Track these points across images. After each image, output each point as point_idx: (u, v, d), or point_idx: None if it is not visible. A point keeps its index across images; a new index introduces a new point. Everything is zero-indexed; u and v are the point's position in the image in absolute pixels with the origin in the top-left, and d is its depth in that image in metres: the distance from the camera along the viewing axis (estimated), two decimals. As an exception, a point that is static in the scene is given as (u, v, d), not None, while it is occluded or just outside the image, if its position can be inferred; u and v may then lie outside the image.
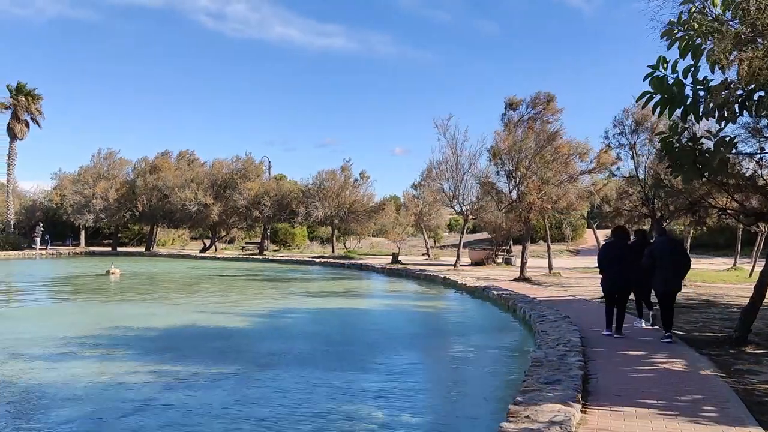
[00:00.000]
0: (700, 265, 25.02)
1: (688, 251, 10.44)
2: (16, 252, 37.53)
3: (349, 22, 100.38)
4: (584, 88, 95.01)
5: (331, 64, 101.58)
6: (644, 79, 6.52)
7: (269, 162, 44.10)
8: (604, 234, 32.74)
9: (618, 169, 18.75)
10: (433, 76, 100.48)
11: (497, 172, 22.05)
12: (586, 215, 28.36)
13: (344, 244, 45.40)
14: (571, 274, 22.37)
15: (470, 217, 29.09)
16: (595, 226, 31.50)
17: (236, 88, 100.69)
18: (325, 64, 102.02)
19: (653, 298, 9.92)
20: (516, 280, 19.79)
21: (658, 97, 6.54)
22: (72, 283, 22.35)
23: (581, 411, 5.41)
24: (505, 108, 22.30)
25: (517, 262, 23.94)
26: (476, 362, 9.27)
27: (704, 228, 22.72)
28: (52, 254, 37.84)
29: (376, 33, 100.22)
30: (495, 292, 16.09)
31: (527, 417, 5.05)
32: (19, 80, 41.96)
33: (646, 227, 17.61)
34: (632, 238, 10.43)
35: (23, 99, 41.63)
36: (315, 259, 33.37)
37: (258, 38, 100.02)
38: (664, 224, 15.83)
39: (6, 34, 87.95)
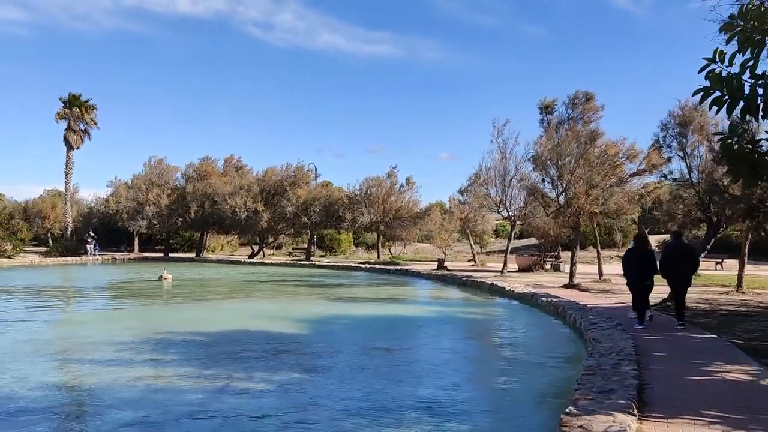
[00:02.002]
0: (758, 271, 24.14)
1: (696, 255, 11.72)
2: (73, 258, 38.87)
3: (395, 29, 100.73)
4: (632, 90, 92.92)
5: (378, 71, 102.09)
6: (699, 72, 6.20)
7: (315, 169, 44.57)
8: (656, 240, 31.93)
9: (671, 172, 18.26)
10: (481, 81, 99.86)
11: (543, 180, 21.74)
12: (637, 220, 27.59)
13: (389, 249, 45.44)
14: (622, 280, 21.74)
15: (517, 222, 28.76)
16: (647, 232, 30.67)
17: (284, 97, 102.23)
18: (372, 70, 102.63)
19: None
20: (565, 286, 19.45)
21: (716, 93, 6.20)
22: (127, 288, 22.99)
23: (637, 421, 5.29)
24: (541, 112, 22.00)
25: (566, 268, 23.53)
26: (525, 370, 9.14)
27: (763, 233, 21.91)
28: (102, 260, 39.01)
29: (423, 39, 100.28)
30: (544, 299, 15.85)
31: (581, 427, 4.96)
32: (73, 92, 43.36)
33: (702, 232, 17.09)
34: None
35: (77, 110, 43.07)
36: (361, 265, 33.50)
37: (305, 46, 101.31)
38: (684, 231, 16.72)
39: (66, 47, 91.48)
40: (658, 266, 11.07)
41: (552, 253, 30.95)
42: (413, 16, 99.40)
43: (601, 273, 22.64)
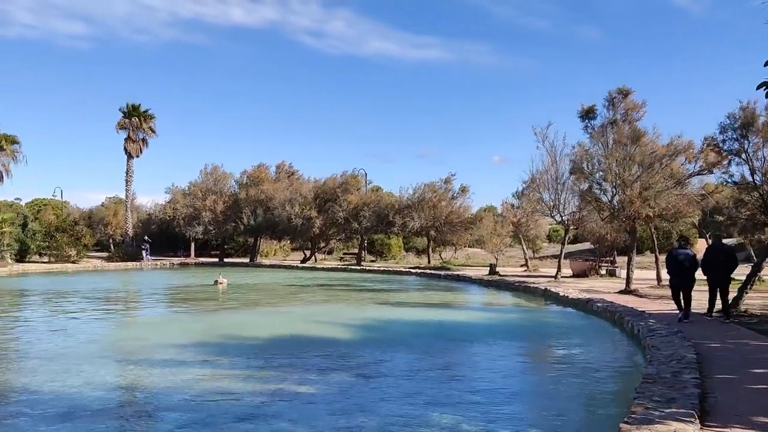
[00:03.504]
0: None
1: (735, 256, 12.77)
2: (133, 263, 40.20)
3: (445, 34, 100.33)
4: (689, 90, 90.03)
5: (429, 75, 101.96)
6: (766, 65, 5.94)
7: (366, 174, 44.82)
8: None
9: (731, 175, 17.59)
10: (532, 84, 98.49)
11: (589, 187, 21.27)
12: (697, 223, 26.70)
13: (440, 254, 45.27)
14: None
15: (571, 226, 28.23)
16: (708, 236, 29.63)
17: (335, 103, 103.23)
18: (423, 75, 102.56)
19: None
20: (621, 292, 18.97)
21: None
22: (184, 292, 23.63)
23: (699, 431, 5.13)
24: (582, 119, 21.46)
25: (622, 273, 22.97)
26: (581, 378, 8.96)
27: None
28: (159, 265, 40.13)
29: (473, 43, 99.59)
30: (599, 305, 15.51)
31: (640, 436, 4.84)
32: (132, 102, 44.83)
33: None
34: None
35: (136, 120, 44.52)
36: (411, 270, 33.48)
37: (356, 53, 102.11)
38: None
39: (126, 59, 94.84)
40: (699, 266, 12.61)
41: (607, 258, 30.25)
42: (463, 21, 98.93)
43: (659, 278, 21.98)
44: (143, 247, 41.78)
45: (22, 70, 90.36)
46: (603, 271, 27.47)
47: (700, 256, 13.22)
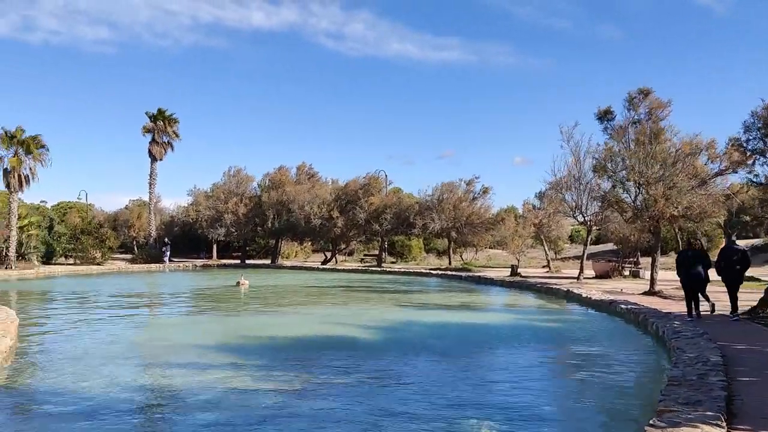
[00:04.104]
0: None
1: (748, 256, 13.21)
2: (157, 264, 40.68)
3: (465, 35, 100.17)
4: (712, 90, 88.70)
5: (449, 77, 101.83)
6: None
7: (386, 176, 44.86)
8: (743, 244, 30.28)
9: (756, 176, 17.26)
10: (554, 84, 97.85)
11: (612, 186, 21.02)
12: (722, 224, 26.29)
13: (461, 256, 45.12)
14: (707, 287, 20.80)
15: (594, 227, 27.96)
16: (733, 236, 29.19)
17: (355, 105, 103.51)
18: (443, 76, 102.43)
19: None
20: (645, 293, 18.74)
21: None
22: (206, 293, 23.83)
23: (726, 435, 5.04)
24: (601, 121, 21.24)
25: (646, 274, 22.69)
26: (605, 380, 8.86)
27: None
28: (182, 267, 40.52)
29: (493, 44, 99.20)
30: (623, 306, 15.34)
31: (666, 439, 4.77)
32: (155, 106, 45.56)
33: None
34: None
35: (161, 123, 45.09)
36: (432, 271, 33.42)
37: (375, 55, 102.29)
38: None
39: (148, 64, 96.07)
40: (711, 265, 13.05)
41: (631, 259, 29.92)
42: (483, 22, 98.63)
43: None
44: (163, 249, 42.32)
45: (47, 75, 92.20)
46: (626, 272, 27.16)
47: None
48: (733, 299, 12.85)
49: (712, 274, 13.16)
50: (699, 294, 13.06)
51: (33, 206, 49.61)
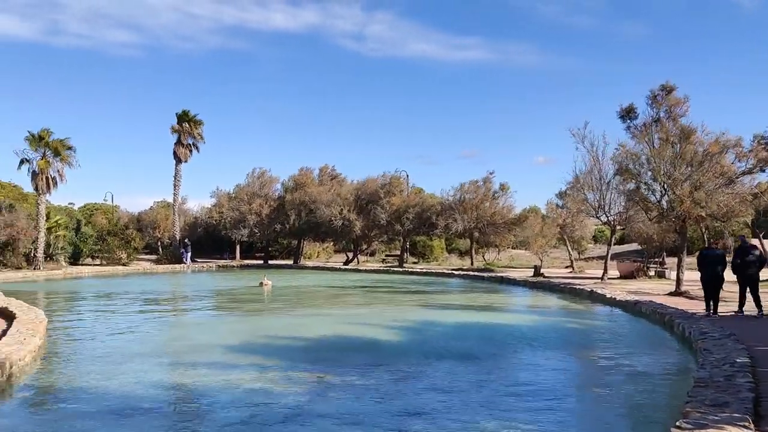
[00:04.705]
0: None
1: (763, 255, 14.18)
2: (181, 265, 41.16)
3: (486, 34, 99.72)
4: (739, 86, 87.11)
5: (470, 76, 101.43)
6: None
7: (407, 176, 44.84)
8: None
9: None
10: (577, 83, 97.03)
11: (637, 187, 20.75)
12: (750, 223, 25.78)
13: (483, 256, 44.94)
14: (734, 287, 20.46)
15: (618, 227, 27.65)
16: (762, 236, 28.63)
17: (377, 106, 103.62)
18: (464, 76, 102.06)
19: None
20: (671, 294, 18.50)
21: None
22: (230, 293, 24.05)
23: (755, 437, 4.97)
24: (623, 119, 20.90)
25: (672, 275, 22.39)
26: (630, 382, 8.77)
27: None
28: (203, 267, 40.93)
29: (515, 42, 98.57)
30: (648, 307, 15.16)
31: (692, 441, 4.72)
32: (179, 109, 45.91)
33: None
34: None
35: (186, 125, 45.56)
36: (454, 272, 33.33)
37: (396, 56, 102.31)
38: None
39: (174, 66, 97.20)
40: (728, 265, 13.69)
41: (656, 259, 29.53)
42: (505, 21, 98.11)
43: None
44: (181, 251, 42.86)
45: (74, 78, 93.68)
46: (651, 273, 26.83)
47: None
48: (756, 299, 13.42)
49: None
50: (719, 292, 13.75)
51: (60, 208, 50.45)
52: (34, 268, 33.17)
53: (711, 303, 13.67)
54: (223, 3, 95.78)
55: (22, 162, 34.34)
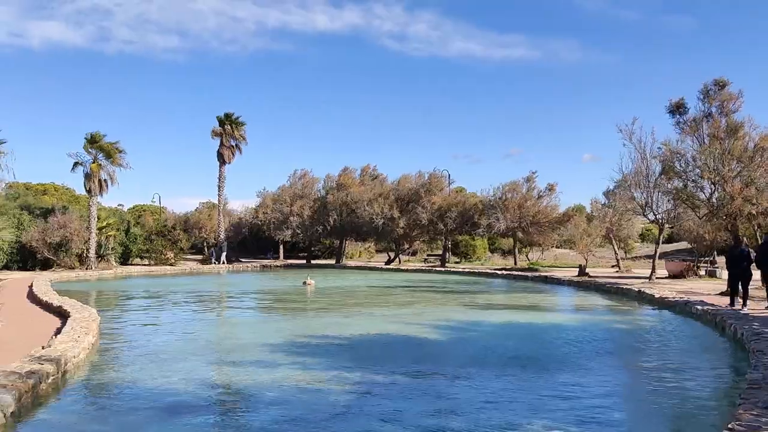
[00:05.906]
0: None
1: None
2: (226, 265, 41.92)
3: (529, 31, 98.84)
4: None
5: (514, 74, 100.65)
6: None
7: (449, 175, 44.73)
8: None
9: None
10: (623, 79, 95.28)
11: (684, 185, 20.20)
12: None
13: (527, 255, 44.46)
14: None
15: (666, 225, 27.00)
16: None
17: (420, 105, 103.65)
18: (508, 74, 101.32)
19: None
20: (723, 294, 17.98)
21: None
22: (274, 293, 24.38)
23: (813, 442, 4.80)
24: (672, 114, 20.34)
25: (723, 274, 21.75)
26: (680, 384, 8.56)
27: None
28: (236, 269, 41.54)
29: (559, 39, 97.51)
30: (699, 307, 14.77)
31: (746, 445, 4.59)
32: (223, 111, 46.81)
33: None
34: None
35: (229, 127, 46.38)
36: (497, 271, 33.08)
37: (440, 55, 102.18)
38: None
39: (218, 69, 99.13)
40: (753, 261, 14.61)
41: (707, 258, 28.75)
42: (548, 16, 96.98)
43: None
44: (211, 252, 43.70)
45: (122, 83, 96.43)
46: (702, 272, 26.14)
47: None
48: None
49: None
50: (747, 288, 14.54)
51: (111, 209, 51.97)
52: (87, 268, 34.24)
53: (735, 299, 14.62)
54: (266, 6, 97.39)
55: (75, 165, 35.58)
